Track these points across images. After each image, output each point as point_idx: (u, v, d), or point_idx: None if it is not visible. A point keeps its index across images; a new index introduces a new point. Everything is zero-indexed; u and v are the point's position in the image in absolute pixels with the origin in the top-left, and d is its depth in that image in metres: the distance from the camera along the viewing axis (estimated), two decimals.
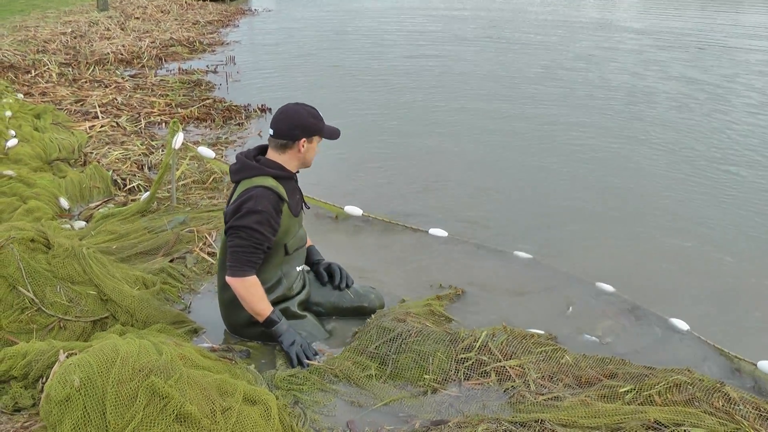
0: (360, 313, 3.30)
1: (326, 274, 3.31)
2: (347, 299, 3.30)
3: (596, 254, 4.33)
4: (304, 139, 2.87)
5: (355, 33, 15.45)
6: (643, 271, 4.13)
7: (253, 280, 2.83)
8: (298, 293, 3.14)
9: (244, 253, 2.78)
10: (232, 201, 2.88)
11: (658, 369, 2.77)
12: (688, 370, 2.70)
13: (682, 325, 3.42)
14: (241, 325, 3.03)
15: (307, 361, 2.83)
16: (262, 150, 2.99)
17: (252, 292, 2.83)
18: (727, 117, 8.01)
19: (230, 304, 2.99)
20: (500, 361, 2.82)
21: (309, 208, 3.28)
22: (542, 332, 3.18)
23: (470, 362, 2.81)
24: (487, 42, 14.27)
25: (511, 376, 2.75)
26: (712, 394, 2.51)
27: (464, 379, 2.75)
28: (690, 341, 3.32)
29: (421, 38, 14.48)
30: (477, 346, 2.89)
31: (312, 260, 3.35)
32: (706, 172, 6.00)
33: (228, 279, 2.83)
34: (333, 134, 3.01)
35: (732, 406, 2.45)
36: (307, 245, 3.30)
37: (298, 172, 3.02)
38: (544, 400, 2.58)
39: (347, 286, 3.31)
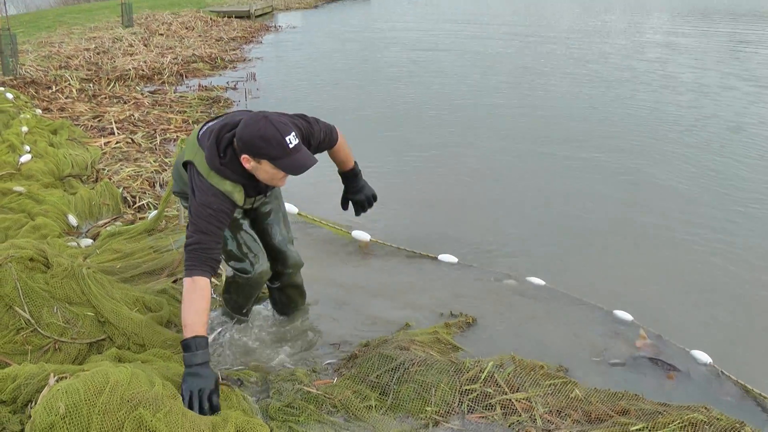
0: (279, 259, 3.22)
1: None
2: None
3: (614, 281, 4.19)
4: (245, 155, 2.57)
5: (381, 52, 15.42)
6: (664, 299, 3.99)
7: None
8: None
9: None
10: None
11: (672, 406, 2.63)
12: (705, 408, 2.55)
13: (703, 357, 3.27)
14: None
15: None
16: None
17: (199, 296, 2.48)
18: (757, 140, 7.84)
19: None
20: (506, 394, 2.70)
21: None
22: (552, 363, 3.06)
23: (475, 394, 2.69)
24: (514, 51, 14.19)
25: (517, 410, 2.63)
26: None
27: (468, 411, 2.63)
28: (711, 375, 3.17)
29: (446, 58, 14.39)
30: (483, 378, 2.77)
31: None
32: (733, 195, 5.83)
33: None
34: (291, 168, 2.59)
35: None
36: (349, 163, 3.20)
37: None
38: None
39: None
